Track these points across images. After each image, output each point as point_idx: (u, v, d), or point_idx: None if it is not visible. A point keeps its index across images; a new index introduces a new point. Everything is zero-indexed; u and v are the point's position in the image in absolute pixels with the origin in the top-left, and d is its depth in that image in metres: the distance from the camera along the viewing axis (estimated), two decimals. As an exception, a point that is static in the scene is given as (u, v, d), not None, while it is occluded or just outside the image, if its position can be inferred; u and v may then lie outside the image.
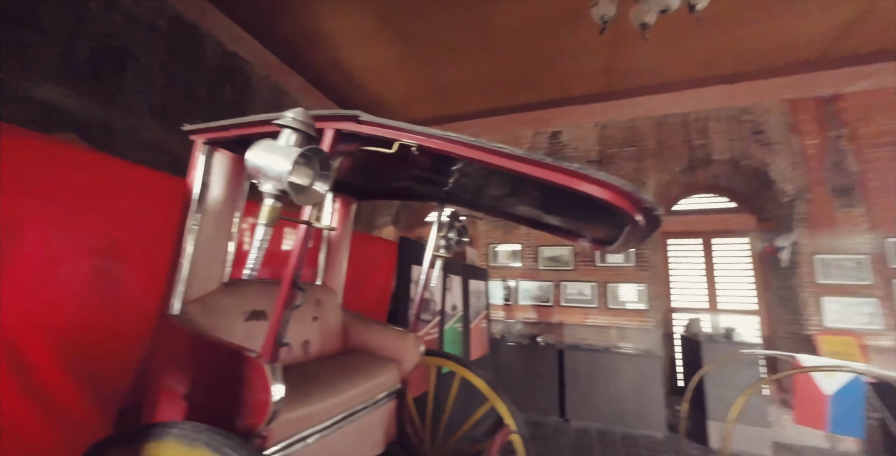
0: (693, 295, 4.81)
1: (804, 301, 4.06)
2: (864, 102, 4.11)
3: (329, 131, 1.05)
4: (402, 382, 1.76)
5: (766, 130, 4.41)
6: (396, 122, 0.97)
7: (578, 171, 0.82)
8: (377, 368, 1.66)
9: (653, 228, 0.90)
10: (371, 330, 1.89)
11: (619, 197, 0.80)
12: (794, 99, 4.34)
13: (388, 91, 5.16)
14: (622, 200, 0.80)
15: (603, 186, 0.81)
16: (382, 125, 0.98)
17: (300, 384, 1.30)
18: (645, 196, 0.79)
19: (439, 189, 1.75)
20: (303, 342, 1.64)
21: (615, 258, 4.80)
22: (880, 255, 3.88)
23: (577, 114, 5.21)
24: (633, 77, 4.58)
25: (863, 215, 3.98)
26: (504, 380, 4.56)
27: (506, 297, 5.22)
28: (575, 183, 0.83)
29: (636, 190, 0.77)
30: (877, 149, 4.00)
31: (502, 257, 5.33)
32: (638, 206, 0.80)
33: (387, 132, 0.98)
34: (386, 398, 1.70)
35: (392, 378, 1.71)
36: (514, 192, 1.44)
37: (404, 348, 1.76)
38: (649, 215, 0.83)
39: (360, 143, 1.10)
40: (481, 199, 1.77)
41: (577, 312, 4.89)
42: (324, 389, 1.33)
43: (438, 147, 0.93)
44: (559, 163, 0.82)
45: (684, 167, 4.69)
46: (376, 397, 1.59)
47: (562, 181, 0.83)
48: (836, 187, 4.09)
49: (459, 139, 0.90)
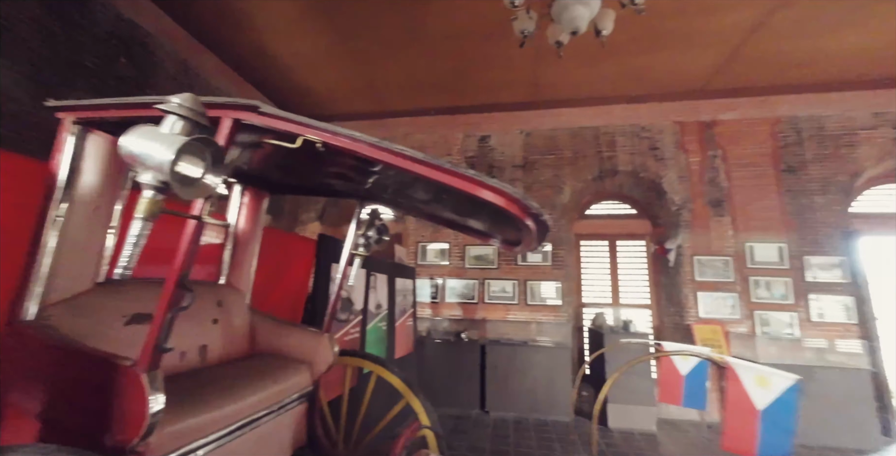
0: (600, 291, 5.34)
1: (685, 296, 4.73)
2: (733, 129, 4.91)
3: (226, 120, 0.98)
4: (313, 384, 1.71)
5: (660, 147, 5.05)
6: (300, 116, 0.94)
7: (475, 177, 0.87)
8: (286, 370, 1.59)
9: (543, 231, 0.99)
10: (282, 331, 1.80)
11: (510, 203, 0.87)
12: (682, 121, 5.04)
13: (317, 82, 4.94)
14: (513, 206, 0.87)
15: (496, 193, 0.87)
16: (285, 119, 0.94)
17: (193, 392, 1.20)
18: (531, 203, 0.86)
19: (359, 187, 1.73)
20: (200, 347, 1.51)
21: (534, 257, 5.13)
22: (741, 256, 4.67)
23: (505, 120, 5.48)
24: (554, 90, 4.93)
25: (729, 224, 4.75)
26: (429, 376, 4.63)
27: (433, 294, 5.30)
28: (473, 188, 0.88)
29: (524, 197, 0.85)
30: (741, 169, 4.81)
31: (431, 256, 5.41)
32: (527, 211, 0.88)
33: (290, 126, 0.95)
34: (295, 402, 1.63)
35: (302, 381, 1.65)
36: (428, 193, 1.48)
37: (317, 349, 1.71)
38: (538, 220, 0.91)
39: (262, 135, 1.04)
40: (401, 198, 1.79)
41: (500, 308, 5.15)
42: (221, 395, 1.24)
43: (343, 145, 0.92)
44: (458, 168, 0.87)
45: (595, 176, 5.18)
46: (283, 401, 1.53)
47: (461, 186, 0.87)
48: (711, 199, 4.83)
49: (365, 139, 0.91)
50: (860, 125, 4.66)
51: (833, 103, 4.70)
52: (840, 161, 4.64)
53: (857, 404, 3.87)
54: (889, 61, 4.12)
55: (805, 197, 4.63)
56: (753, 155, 4.80)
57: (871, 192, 4.83)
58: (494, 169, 5.45)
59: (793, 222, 4.62)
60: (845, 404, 3.86)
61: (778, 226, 4.64)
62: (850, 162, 4.62)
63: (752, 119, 4.87)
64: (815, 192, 4.63)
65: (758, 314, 4.53)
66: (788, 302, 4.49)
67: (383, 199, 1.85)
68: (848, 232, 4.50)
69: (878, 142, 4.60)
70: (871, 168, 4.64)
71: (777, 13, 3.52)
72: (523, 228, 1.00)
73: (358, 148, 0.92)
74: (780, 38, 3.83)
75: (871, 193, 4.83)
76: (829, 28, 3.68)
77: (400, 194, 1.73)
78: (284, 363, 1.64)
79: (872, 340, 4.27)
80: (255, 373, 1.49)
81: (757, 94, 4.77)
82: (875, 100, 4.61)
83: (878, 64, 4.17)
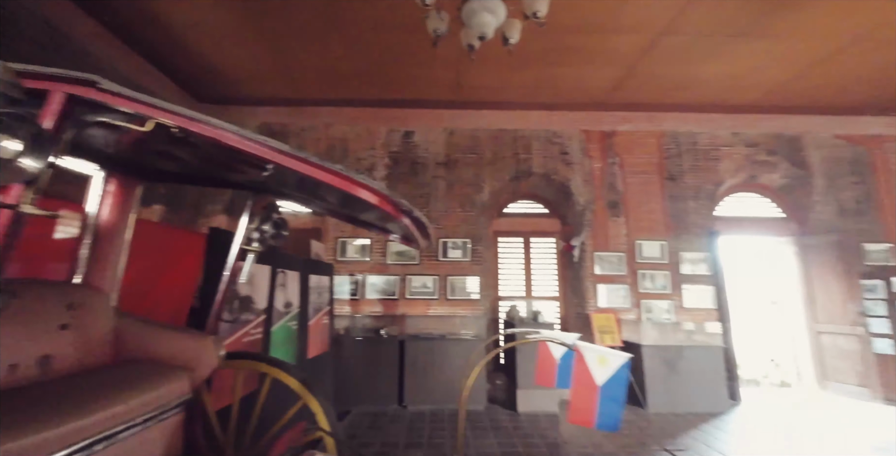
0: (515, 285, 5.68)
1: (587, 288, 5.23)
2: (628, 140, 5.54)
3: (57, 95, 0.85)
4: (193, 391, 1.57)
5: (569, 152, 5.50)
6: (149, 97, 0.85)
7: (343, 172, 0.86)
8: (157, 379, 1.43)
9: (422, 227, 1.02)
10: (157, 336, 1.62)
11: (382, 201, 0.88)
12: (588, 130, 5.54)
13: (223, 60, 4.49)
14: (385, 204, 0.89)
15: (368, 190, 0.88)
16: (130, 98, 0.84)
17: (24, 411, 1.03)
18: (400, 200, 0.89)
19: (251, 178, 1.61)
20: (40, 358, 1.29)
21: (455, 253, 5.28)
22: (632, 252, 5.30)
23: (429, 117, 5.52)
24: (477, 92, 5.10)
25: (623, 224, 5.36)
26: (347, 375, 4.54)
27: (353, 291, 5.18)
28: (344, 185, 0.87)
29: (392, 194, 0.87)
30: (633, 176, 5.45)
31: (351, 252, 5.27)
32: (398, 209, 0.90)
33: (137, 107, 0.85)
34: (170, 412, 1.48)
35: (178, 389, 1.50)
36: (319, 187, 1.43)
37: (199, 354, 1.57)
38: (412, 217, 0.94)
39: (110, 115, 0.92)
40: (300, 192, 1.71)
41: (421, 304, 5.21)
42: (61, 412, 1.08)
43: (202, 132, 0.85)
44: (328, 164, 0.86)
45: (512, 177, 5.48)
46: (151, 413, 1.38)
47: (331, 182, 0.86)
48: (609, 201, 5.40)
49: (226, 127, 0.85)
50: (722, 142, 5.56)
51: (703, 122, 5.54)
52: (708, 172, 5.49)
53: (712, 376, 4.63)
54: (743, 91, 4.97)
55: (682, 202, 5.41)
56: (644, 164, 5.47)
57: (729, 198, 5.81)
58: (418, 165, 5.47)
59: (672, 223, 5.36)
60: (704, 376, 4.60)
61: (661, 226, 5.35)
62: (714, 173, 5.50)
63: (644, 132, 5.53)
64: (689, 197, 5.42)
65: (644, 303, 5.19)
66: (667, 292, 5.21)
67: (281, 193, 1.76)
68: (712, 232, 5.36)
69: (735, 157, 5.53)
70: (730, 179, 5.56)
71: (662, 40, 4.03)
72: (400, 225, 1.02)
73: (219, 136, 0.85)
74: (665, 62, 4.39)
75: (729, 200, 5.81)
76: (701, 58, 4.32)
77: (298, 188, 1.65)
78: (157, 371, 1.48)
79: (726, 322, 5.14)
80: (117, 383, 1.32)
81: (647, 110, 5.43)
82: (734, 122, 5.54)
83: (736, 92, 5.01)
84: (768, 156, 5.53)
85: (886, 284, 5.05)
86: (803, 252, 5.66)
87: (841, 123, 5.58)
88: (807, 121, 5.56)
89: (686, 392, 4.53)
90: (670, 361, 4.62)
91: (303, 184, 1.53)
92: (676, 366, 4.62)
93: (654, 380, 4.56)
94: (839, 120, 5.57)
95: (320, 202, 1.67)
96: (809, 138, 5.59)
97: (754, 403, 4.84)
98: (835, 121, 5.57)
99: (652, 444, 3.54)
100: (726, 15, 3.64)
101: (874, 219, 5.39)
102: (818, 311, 5.52)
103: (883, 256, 5.27)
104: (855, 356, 5.08)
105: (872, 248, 5.29)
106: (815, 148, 5.57)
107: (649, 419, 4.23)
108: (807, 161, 5.54)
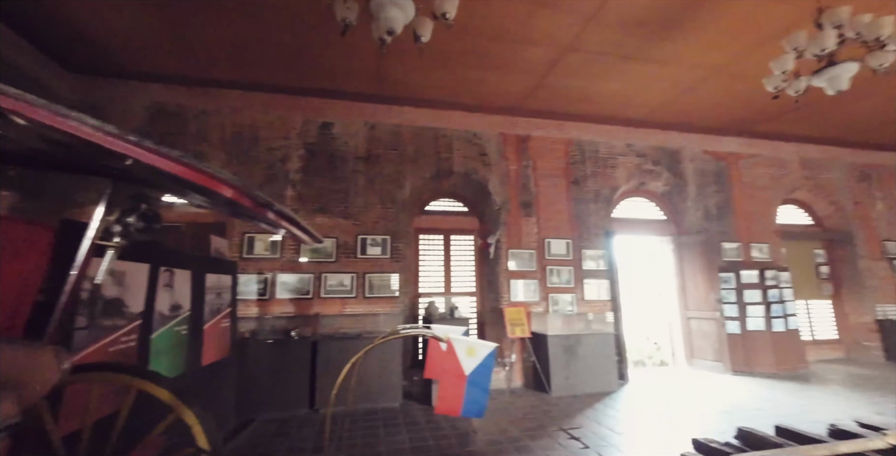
0: (435, 281, 5.77)
1: (501, 283, 5.51)
2: (540, 145, 5.95)
3: None
4: (22, 413, 1.32)
5: (488, 153, 5.74)
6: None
7: (184, 160, 0.78)
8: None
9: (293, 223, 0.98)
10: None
11: (237, 193, 0.82)
12: (505, 133, 5.84)
13: (101, 26, 3.85)
14: (242, 198, 0.83)
15: (222, 183, 0.81)
16: None
17: None
18: (258, 193, 0.84)
19: (108, 163, 1.40)
20: None
21: (374, 250, 5.19)
22: (542, 249, 5.71)
23: (350, 110, 5.35)
24: (399, 87, 5.06)
25: (535, 223, 5.75)
26: (253, 381, 4.23)
27: (261, 291, 4.82)
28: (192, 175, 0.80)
29: (247, 186, 0.81)
30: (544, 179, 5.87)
31: (260, 248, 4.89)
32: (257, 202, 0.85)
33: None
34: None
35: (2, 412, 1.26)
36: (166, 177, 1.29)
37: (30, 368, 1.32)
38: (276, 211, 0.89)
39: None
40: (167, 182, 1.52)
41: (337, 302, 5.03)
42: None
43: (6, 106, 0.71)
44: (161, 149, 0.77)
45: (434, 174, 5.55)
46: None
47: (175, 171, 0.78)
48: (522, 202, 5.75)
49: (35, 102, 0.72)
50: (618, 152, 6.25)
51: (603, 133, 6.17)
52: (606, 178, 6.13)
53: (605, 360, 5.20)
54: (635, 107, 5.63)
55: (584, 204, 5.96)
56: (553, 168, 5.93)
57: (623, 202, 6.56)
58: (336, 158, 5.27)
59: (575, 223, 5.89)
60: (598, 361, 5.14)
61: (566, 226, 5.85)
62: (612, 179, 6.16)
63: (553, 138, 5.99)
64: (591, 200, 6.00)
65: (551, 296, 5.62)
66: (571, 286, 5.71)
67: (148, 182, 1.55)
68: (609, 232, 6.00)
69: (628, 166, 6.26)
70: (624, 184, 6.28)
71: (567, 56, 4.39)
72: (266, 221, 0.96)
73: (31, 113, 0.72)
74: (570, 76, 4.80)
75: (623, 203, 6.55)
76: (599, 75, 4.79)
77: (163, 177, 1.47)
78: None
79: (618, 312, 5.80)
80: None
81: (557, 119, 5.89)
82: (628, 134, 6.26)
83: (629, 108, 5.66)
84: (654, 166, 6.35)
85: (736, 276, 6.12)
86: (678, 249, 6.62)
87: (708, 141, 6.63)
88: (683, 137, 6.50)
89: (583, 376, 5.03)
90: (571, 348, 5.08)
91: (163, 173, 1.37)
92: (576, 352, 5.09)
93: (557, 366, 4.98)
94: (707, 138, 6.61)
95: (193, 195, 1.51)
96: (685, 152, 6.55)
97: (639, 381, 5.54)
98: (703, 138, 6.60)
99: (551, 425, 3.86)
100: (618, 39, 4.08)
101: (730, 222, 6.50)
102: (688, 299, 6.50)
103: (735, 252, 6.38)
104: (713, 336, 6.09)
105: (728, 246, 6.37)
106: (690, 161, 6.54)
107: (552, 403, 4.61)
108: (683, 172, 6.48)
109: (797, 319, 6.18)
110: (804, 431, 3.10)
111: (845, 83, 2.82)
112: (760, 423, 3.61)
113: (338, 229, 5.13)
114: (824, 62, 2.85)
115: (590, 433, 3.62)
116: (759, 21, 3.81)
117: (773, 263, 6.47)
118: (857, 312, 6.96)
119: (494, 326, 5.52)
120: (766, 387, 5.13)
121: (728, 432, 3.38)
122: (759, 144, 6.86)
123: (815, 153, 7.16)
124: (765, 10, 3.65)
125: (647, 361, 6.97)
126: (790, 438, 3.09)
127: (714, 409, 4.29)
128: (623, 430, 3.70)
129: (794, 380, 5.48)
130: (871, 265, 7.02)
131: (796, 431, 3.12)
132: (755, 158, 6.87)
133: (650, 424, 3.86)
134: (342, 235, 5.13)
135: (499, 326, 5.39)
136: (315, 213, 5.10)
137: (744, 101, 5.41)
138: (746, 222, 6.59)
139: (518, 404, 4.58)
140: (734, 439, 3.20)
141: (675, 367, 6.47)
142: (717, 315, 6.06)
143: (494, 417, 4.14)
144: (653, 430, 3.69)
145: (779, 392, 4.87)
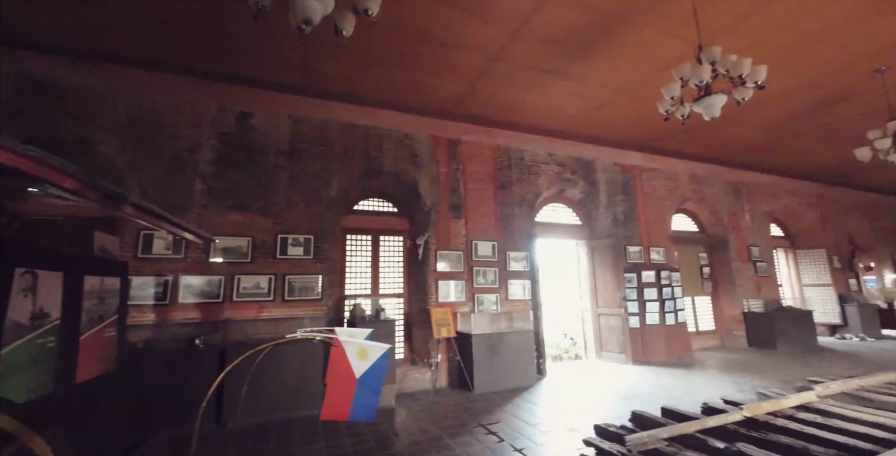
0: (362, 283, 5.63)
1: (429, 284, 5.55)
2: (470, 149, 6.13)
3: None
4: None
5: (419, 155, 5.77)
6: None
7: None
8: None
9: (154, 214, 0.88)
10: None
11: (78, 184, 0.72)
12: (436, 136, 5.92)
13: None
14: (84, 190, 0.72)
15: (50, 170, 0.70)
16: None
17: None
18: (105, 183, 0.74)
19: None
20: None
21: (296, 250, 4.91)
22: (469, 251, 5.86)
23: (271, 100, 5.02)
24: (327, 81, 4.86)
25: (463, 225, 5.89)
26: (149, 396, 3.74)
27: (159, 295, 4.29)
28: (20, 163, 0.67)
29: (90, 176, 0.71)
30: (472, 183, 6.06)
31: (159, 247, 4.35)
32: (108, 195, 0.75)
33: None
34: None
35: None
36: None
37: None
38: (126, 202, 0.80)
39: None
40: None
41: (252, 306, 4.66)
42: None
43: None
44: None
45: (362, 174, 5.43)
46: None
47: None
48: (451, 204, 5.87)
49: None
50: (541, 160, 6.67)
51: (528, 142, 6.55)
52: (530, 184, 6.51)
53: (525, 356, 5.48)
54: (556, 119, 6.06)
55: (510, 208, 6.26)
56: (481, 172, 6.14)
57: (545, 208, 7.01)
58: (256, 152, 4.90)
59: (501, 226, 6.15)
60: (518, 357, 5.41)
61: (493, 228, 6.08)
62: (535, 185, 6.55)
63: (482, 144, 6.21)
64: (516, 205, 6.32)
65: (477, 297, 5.79)
66: (496, 286, 5.95)
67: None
68: (531, 234, 6.36)
69: (550, 174, 6.71)
70: (546, 191, 6.72)
71: (495, 65, 4.59)
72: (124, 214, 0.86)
73: None
74: (497, 85, 5.02)
75: (545, 209, 7.01)
76: (524, 86, 5.08)
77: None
78: None
79: (538, 310, 6.17)
80: None
81: (485, 125, 6.12)
82: (550, 144, 6.72)
83: (551, 119, 6.08)
84: (572, 175, 6.89)
85: (638, 276, 6.86)
86: (591, 252, 7.24)
87: (617, 154, 7.37)
88: (597, 150, 7.15)
89: (504, 372, 5.25)
90: (494, 346, 5.28)
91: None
92: (499, 350, 5.31)
93: (480, 364, 5.13)
94: (616, 151, 7.34)
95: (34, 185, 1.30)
96: (598, 163, 7.20)
97: (555, 375, 5.93)
98: (613, 152, 7.32)
99: (471, 422, 3.97)
100: (540, 54, 4.37)
101: (634, 227, 7.27)
102: (599, 297, 7.14)
103: (637, 255, 7.16)
104: (618, 331, 6.75)
105: (632, 249, 7.12)
106: (602, 171, 7.21)
107: (474, 400, 4.73)
108: (596, 181, 7.12)
109: (685, 314, 7.14)
110: (683, 411, 3.58)
111: (717, 111, 3.32)
112: (651, 406, 4.08)
113: (255, 227, 4.76)
114: (702, 92, 3.32)
115: (507, 427, 3.79)
116: (656, 51, 4.33)
117: (667, 264, 7.37)
118: (729, 306, 8.22)
119: (422, 326, 5.53)
120: (658, 374, 5.81)
121: (625, 416, 3.76)
122: (658, 160, 7.79)
123: (700, 170, 8.33)
124: (661, 41, 4.17)
125: (563, 355, 7.50)
126: (672, 417, 3.53)
127: (615, 396, 4.75)
128: (537, 421, 3.93)
129: (681, 366, 6.28)
130: (741, 266, 8.35)
131: (677, 411, 3.58)
132: (655, 172, 7.79)
133: (560, 414, 4.15)
134: (260, 233, 4.77)
135: (426, 327, 5.41)
136: (229, 210, 4.68)
137: (645, 121, 6.10)
138: (647, 228, 7.43)
139: (441, 404, 4.64)
140: (629, 422, 3.58)
141: (587, 360, 7.05)
142: (622, 311, 6.74)
143: (417, 418, 4.14)
144: (562, 419, 3.97)
145: (668, 378, 5.55)
